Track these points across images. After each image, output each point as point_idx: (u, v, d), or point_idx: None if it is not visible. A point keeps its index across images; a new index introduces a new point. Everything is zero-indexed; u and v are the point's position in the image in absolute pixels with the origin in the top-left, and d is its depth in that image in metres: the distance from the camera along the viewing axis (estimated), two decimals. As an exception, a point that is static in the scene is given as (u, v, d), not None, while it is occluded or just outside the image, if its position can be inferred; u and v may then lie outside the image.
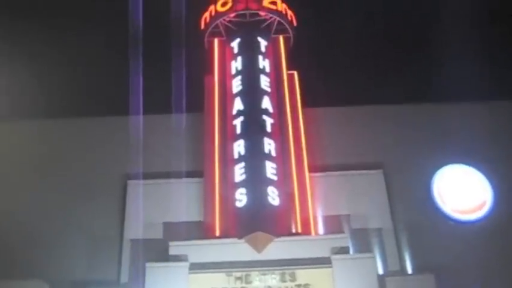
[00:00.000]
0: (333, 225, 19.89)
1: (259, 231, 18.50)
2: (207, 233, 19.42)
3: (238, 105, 20.88)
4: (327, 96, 22.49)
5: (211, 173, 20.20)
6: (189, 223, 19.91)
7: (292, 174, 20.11)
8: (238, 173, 19.56)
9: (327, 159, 20.82)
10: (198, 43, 23.18)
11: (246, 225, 18.72)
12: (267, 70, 21.73)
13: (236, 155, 19.94)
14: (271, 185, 19.27)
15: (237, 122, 20.51)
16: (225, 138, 20.56)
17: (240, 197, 19.13)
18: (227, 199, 19.42)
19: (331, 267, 18.17)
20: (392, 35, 27.76)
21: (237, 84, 21.28)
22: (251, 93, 21.05)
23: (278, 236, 18.61)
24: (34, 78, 25.44)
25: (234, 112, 20.82)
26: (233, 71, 21.73)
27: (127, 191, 20.61)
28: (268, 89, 21.29)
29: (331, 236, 19.14)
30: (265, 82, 21.37)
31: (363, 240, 19.63)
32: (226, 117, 20.94)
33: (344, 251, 18.68)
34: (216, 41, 22.76)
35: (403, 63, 26.96)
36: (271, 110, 20.87)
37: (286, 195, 19.52)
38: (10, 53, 24.19)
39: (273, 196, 19.10)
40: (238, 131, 20.36)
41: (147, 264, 18.32)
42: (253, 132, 20.22)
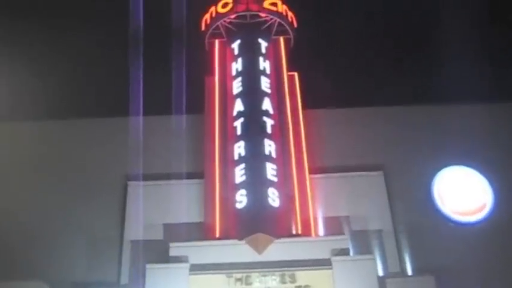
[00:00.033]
0: (333, 226, 19.88)
1: (259, 233, 18.52)
2: (207, 234, 19.43)
3: (238, 106, 20.89)
4: (328, 98, 22.52)
5: (212, 174, 20.21)
6: (190, 224, 19.91)
7: (292, 176, 20.12)
8: (239, 174, 19.57)
9: (327, 161, 20.82)
10: (198, 44, 23.18)
11: (246, 226, 18.73)
12: (268, 71, 21.74)
13: (236, 156, 19.95)
14: (271, 186, 19.29)
15: (238, 123, 20.53)
16: (226, 140, 20.56)
17: (240, 198, 19.15)
18: (227, 200, 19.44)
19: (331, 269, 18.18)
20: (392, 36, 27.78)
21: (237, 86, 21.29)
22: (251, 94, 21.06)
23: (278, 237, 18.63)
24: (34, 78, 25.39)
25: (234, 113, 20.83)
26: (234, 72, 21.74)
27: (127, 192, 20.62)
28: (269, 90, 21.30)
29: (331, 237, 19.16)
30: (265, 83, 21.38)
31: (363, 242, 19.63)
32: (226, 118, 20.95)
33: (344, 252, 18.69)
34: (216, 42, 22.79)
35: (403, 65, 26.97)
36: (271, 111, 20.87)
37: (286, 197, 19.53)
38: (10, 53, 24.15)
39: (273, 197, 19.12)
40: (238, 132, 20.37)
41: (148, 266, 18.34)
42: (254, 133, 20.23)
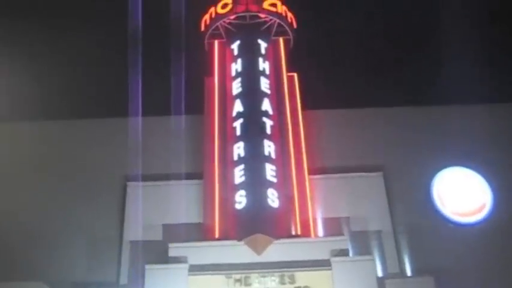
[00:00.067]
0: (333, 227, 19.89)
1: (258, 233, 18.52)
2: (206, 234, 19.43)
3: (238, 107, 20.89)
4: (327, 98, 22.51)
5: (211, 174, 20.22)
6: (189, 225, 19.93)
7: (292, 177, 20.13)
8: (238, 175, 19.57)
9: (327, 162, 20.83)
10: (197, 45, 23.18)
11: (246, 227, 18.73)
12: (267, 72, 21.74)
13: (236, 157, 19.94)
14: (270, 187, 19.28)
15: (237, 124, 20.52)
16: (225, 140, 20.56)
17: (240, 199, 19.15)
18: (227, 201, 19.44)
19: (331, 270, 18.17)
20: (392, 37, 27.78)
21: (237, 86, 21.29)
22: (251, 95, 21.06)
23: (277, 238, 18.63)
24: (34, 79, 25.42)
25: (234, 114, 20.83)
26: (233, 73, 21.74)
27: (127, 193, 20.64)
28: (268, 91, 21.30)
29: (330, 238, 19.16)
30: (265, 84, 21.37)
31: (362, 243, 19.65)
32: (226, 119, 20.96)
33: (344, 253, 18.70)
34: (216, 43, 22.79)
35: (403, 65, 26.98)
36: (271, 112, 20.87)
37: (285, 198, 19.52)
38: (10, 53, 24.16)
39: (273, 198, 19.11)
40: (238, 133, 20.37)
41: (147, 266, 18.34)
42: (253, 134, 20.23)
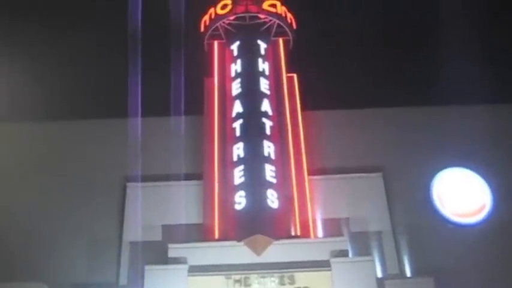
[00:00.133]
0: (332, 228, 19.87)
1: (258, 234, 18.51)
2: (206, 235, 19.42)
3: (237, 107, 20.89)
4: (327, 99, 22.46)
5: (211, 175, 20.22)
6: (188, 225, 19.91)
7: (291, 177, 20.13)
8: (238, 175, 19.56)
9: (327, 162, 20.81)
10: (197, 45, 23.17)
11: (245, 228, 18.71)
12: (267, 73, 21.73)
13: (235, 158, 19.94)
14: (270, 187, 19.27)
15: (237, 124, 20.51)
16: (225, 141, 20.56)
17: (239, 200, 19.13)
18: (226, 202, 19.43)
19: (330, 270, 18.17)
20: (392, 37, 27.75)
21: (236, 87, 21.28)
22: (251, 95, 21.05)
23: (277, 238, 18.62)
24: (33, 79, 25.39)
25: (233, 115, 20.82)
26: (233, 74, 21.74)
27: (126, 193, 20.61)
28: (268, 92, 21.29)
29: (330, 239, 19.16)
30: (264, 85, 21.37)
31: (362, 244, 19.63)
32: (225, 119, 20.95)
33: (343, 254, 18.69)
34: (215, 43, 22.79)
35: (403, 66, 26.95)
36: (270, 112, 20.86)
37: (285, 198, 19.51)
38: (10, 53, 24.16)
39: (272, 199, 19.09)
40: (237, 133, 20.36)
41: (146, 267, 18.33)
42: (253, 134, 20.22)
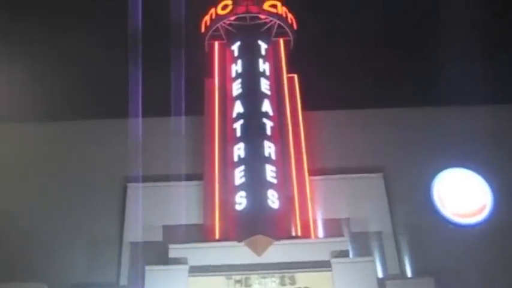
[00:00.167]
0: (333, 228, 19.86)
1: (259, 235, 18.49)
2: (206, 236, 19.41)
3: (238, 108, 20.88)
4: (327, 99, 22.49)
5: (211, 175, 20.20)
6: (189, 226, 19.90)
7: (292, 178, 20.11)
8: (238, 176, 19.55)
9: (327, 163, 20.80)
10: (198, 45, 23.16)
11: (246, 228, 18.71)
12: (267, 73, 21.72)
13: (236, 158, 19.93)
14: (271, 188, 19.26)
15: (237, 125, 20.51)
16: (225, 141, 20.55)
17: (240, 200, 19.12)
18: (227, 202, 19.42)
19: (331, 271, 18.16)
20: (393, 37, 27.75)
21: (237, 87, 21.27)
22: (251, 96, 21.05)
23: (278, 239, 18.61)
24: (33, 79, 25.42)
25: (234, 115, 20.82)
26: (233, 74, 21.73)
27: (127, 194, 20.60)
28: (268, 92, 21.28)
29: (331, 239, 19.15)
30: (265, 85, 21.36)
31: (362, 244, 19.63)
32: (226, 120, 20.95)
33: (344, 254, 18.68)
34: (216, 44, 22.77)
35: (403, 66, 26.96)
36: (271, 113, 20.86)
37: (286, 199, 19.49)
38: (10, 53, 24.16)
39: (273, 199, 19.09)
40: (238, 134, 20.35)
41: (147, 267, 18.32)
42: (253, 135, 20.22)
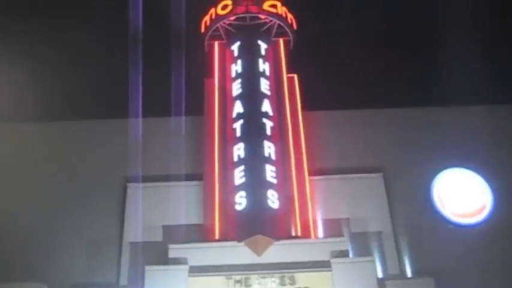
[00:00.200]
0: (333, 228, 19.87)
1: (258, 235, 18.49)
2: (206, 236, 19.40)
3: (238, 108, 20.88)
4: (327, 99, 22.48)
5: (211, 176, 20.20)
6: (189, 226, 19.90)
7: (292, 178, 20.10)
8: (238, 176, 19.55)
9: (327, 163, 20.81)
10: (198, 45, 23.17)
11: (246, 228, 18.70)
12: (267, 73, 21.72)
13: (236, 158, 19.93)
14: (271, 188, 19.26)
15: (237, 125, 20.51)
16: (225, 141, 20.55)
17: (240, 200, 19.12)
18: (227, 202, 19.42)
19: (331, 271, 18.14)
20: (392, 37, 27.76)
21: (237, 87, 21.27)
22: (251, 96, 21.05)
23: (278, 239, 18.61)
24: (33, 79, 25.42)
25: (234, 115, 20.82)
26: (233, 74, 21.73)
27: (126, 194, 20.60)
28: (268, 92, 21.28)
29: (330, 239, 19.14)
30: (265, 85, 21.36)
31: (362, 244, 19.63)
32: (226, 120, 20.95)
33: (344, 254, 18.67)
34: (216, 44, 22.77)
35: (403, 66, 26.96)
36: (271, 113, 20.85)
37: (285, 199, 19.49)
38: (10, 53, 24.16)
39: (273, 199, 19.09)
40: (238, 134, 20.35)
41: (147, 267, 18.30)
42: (253, 135, 20.22)
